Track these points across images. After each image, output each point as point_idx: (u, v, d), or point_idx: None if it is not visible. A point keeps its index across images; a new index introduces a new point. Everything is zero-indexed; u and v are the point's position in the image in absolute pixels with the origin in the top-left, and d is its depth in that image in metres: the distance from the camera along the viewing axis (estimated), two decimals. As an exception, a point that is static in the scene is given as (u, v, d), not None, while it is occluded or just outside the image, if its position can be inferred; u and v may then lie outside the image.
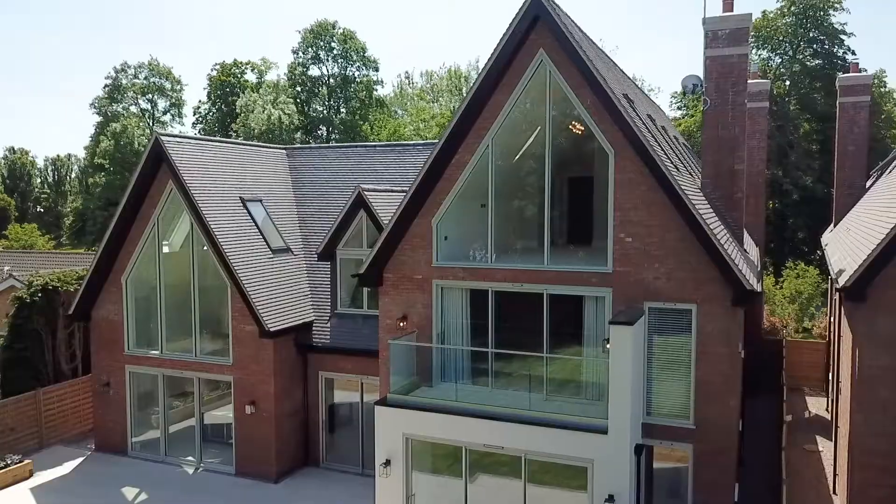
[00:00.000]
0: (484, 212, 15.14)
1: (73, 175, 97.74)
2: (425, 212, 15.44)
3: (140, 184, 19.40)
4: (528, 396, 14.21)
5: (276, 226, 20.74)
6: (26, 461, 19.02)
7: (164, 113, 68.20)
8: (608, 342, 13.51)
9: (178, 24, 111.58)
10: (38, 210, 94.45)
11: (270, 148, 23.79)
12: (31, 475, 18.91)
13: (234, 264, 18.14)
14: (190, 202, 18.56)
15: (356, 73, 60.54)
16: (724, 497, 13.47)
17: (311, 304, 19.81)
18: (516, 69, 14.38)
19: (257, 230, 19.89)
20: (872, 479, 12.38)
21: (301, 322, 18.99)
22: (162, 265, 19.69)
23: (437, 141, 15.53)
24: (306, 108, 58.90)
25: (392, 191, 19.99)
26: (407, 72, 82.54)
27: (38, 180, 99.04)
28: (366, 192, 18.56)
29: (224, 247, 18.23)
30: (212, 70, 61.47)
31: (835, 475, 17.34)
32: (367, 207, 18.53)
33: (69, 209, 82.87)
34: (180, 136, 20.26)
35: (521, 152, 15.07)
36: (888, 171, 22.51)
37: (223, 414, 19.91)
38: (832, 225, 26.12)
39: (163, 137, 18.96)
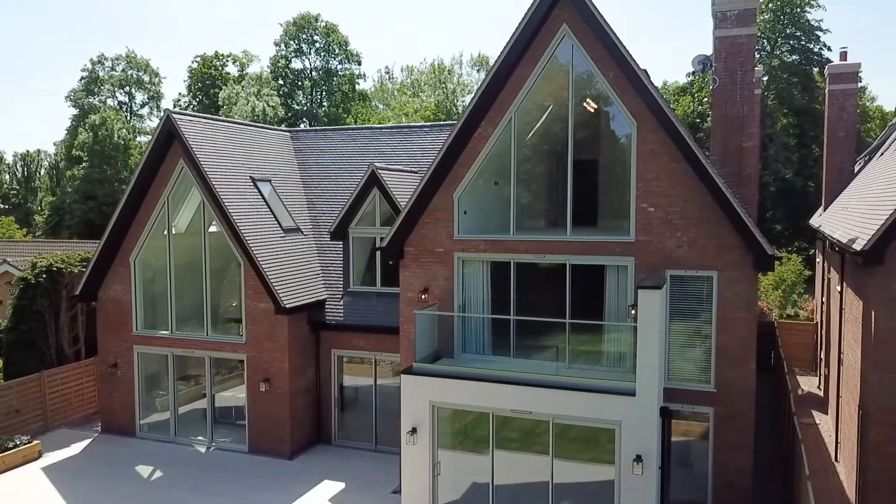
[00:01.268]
0: (504, 186, 15.42)
1: (43, 171, 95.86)
2: (447, 185, 15.67)
3: (150, 163, 19.29)
4: (548, 366, 14.62)
5: (285, 206, 20.79)
6: (35, 442, 18.84)
7: (142, 106, 67.39)
8: (633, 308, 13.94)
9: (155, 16, 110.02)
10: (6, 206, 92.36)
11: (275, 130, 23.81)
12: (39, 456, 18.74)
13: (248, 242, 18.16)
14: (203, 179, 18.54)
15: (338, 67, 60.49)
16: (742, 459, 13.94)
17: (323, 284, 19.91)
18: (540, 44, 14.69)
19: (268, 209, 19.93)
20: (887, 436, 12.90)
21: (315, 300, 19.08)
22: (172, 244, 19.63)
23: (451, 122, 15.75)
24: (289, 101, 58.70)
25: (403, 170, 20.21)
26: (387, 67, 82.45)
27: (7, 176, 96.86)
28: (379, 171, 18.72)
29: (239, 224, 18.25)
30: (192, 62, 60.89)
31: (836, 443, 17.98)
32: (381, 185, 18.69)
33: (39, 205, 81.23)
34: (191, 114, 20.19)
35: (543, 126, 15.35)
36: (879, 153, 23.30)
37: (231, 395, 19.91)
38: (821, 208, 26.92)
39: (174, 115, 18.91)
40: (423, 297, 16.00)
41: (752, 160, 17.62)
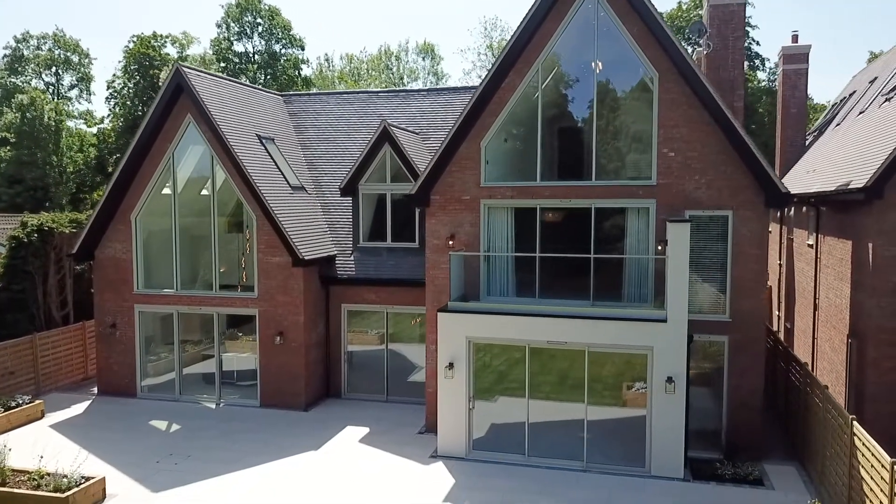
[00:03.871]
0: (531, 134, 16.21)
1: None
2: (475, 134, 16.36)
3: (156, 118, 19.02)
4: (574, 304, 15.53)
5: (289, 165, 20.92)
6: (38, 401, 18.30)
7: (71, 88, 64.48)
8: (659, 245, 15.08)
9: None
10: None
11: (269, 93, 23.80)
12: (42, 416, 18.22)
13: (264, 195, 18.25)
14: (216, 134, 18.46)
15: (282, 51, 59.73)
16: (754, 380, 15.27)
17: (331, 241, 20.18)
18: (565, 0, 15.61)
19: (276, 167, 20.02)
20: (884, 353, 14.45)
21: (326, 255, 19.34)
22: (177, 200, 19.43)
23: (450, 87, 16.34)
24: (233, 84, 57.53)
25: (407, 130, 20.72)
26: (327, 54, 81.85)
27: None
28: (391, 128, 19.17)
29: (254, 178, 18.31)
30: (129, 42, 58.66)
31: (813, 380, 19.72)
32: (392, 142, 19.14)
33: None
34: (198, 69, 20.03)
35: (568, 77, 16.23)
36: (834, 124, 25.46)
37: (231, 356, 19.90)
38: (775, 180, 29.00)
39: (184, 69, 18.76)
40: (449, 243, 16.61)
41: (740, 119, 19.11)
